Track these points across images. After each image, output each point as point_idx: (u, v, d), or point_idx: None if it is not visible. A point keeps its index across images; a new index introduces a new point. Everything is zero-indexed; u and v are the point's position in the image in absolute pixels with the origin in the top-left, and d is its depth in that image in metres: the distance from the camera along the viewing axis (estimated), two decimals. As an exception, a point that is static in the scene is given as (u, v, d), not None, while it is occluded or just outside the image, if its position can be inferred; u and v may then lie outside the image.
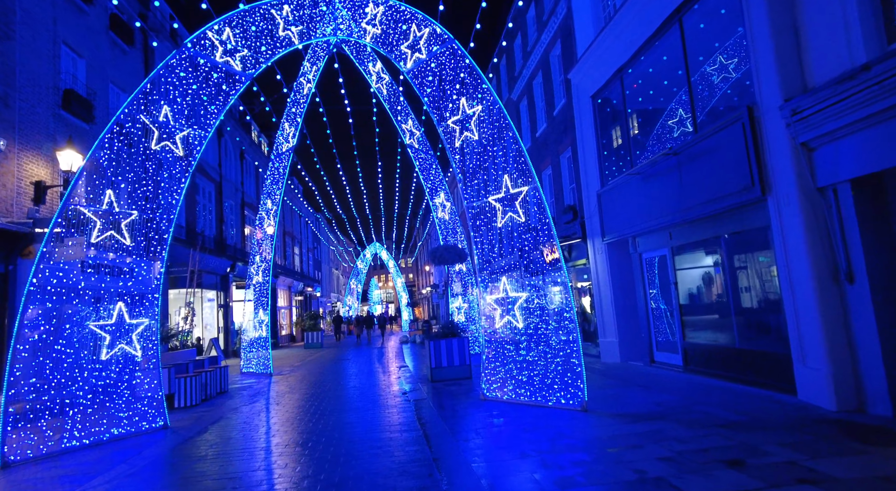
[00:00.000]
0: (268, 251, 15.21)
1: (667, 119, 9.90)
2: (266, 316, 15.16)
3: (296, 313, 36.05)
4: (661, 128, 10.14)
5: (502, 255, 8.29)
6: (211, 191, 22.52)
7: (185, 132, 8.55)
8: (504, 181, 8.16)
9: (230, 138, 25.22)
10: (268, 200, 15.28)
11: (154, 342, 7.78)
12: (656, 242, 10.06)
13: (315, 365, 16.69)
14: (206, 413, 8.91)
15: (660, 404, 6.98)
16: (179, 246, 17.31)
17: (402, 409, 8.18)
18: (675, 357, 9.58)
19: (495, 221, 8.33)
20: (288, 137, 14.54)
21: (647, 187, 9.89)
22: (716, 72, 8.29)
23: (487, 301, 8.44)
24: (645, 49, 9.89)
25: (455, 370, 10.85)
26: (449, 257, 11.36)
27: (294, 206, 39.36)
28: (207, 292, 21.49)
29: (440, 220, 15.56)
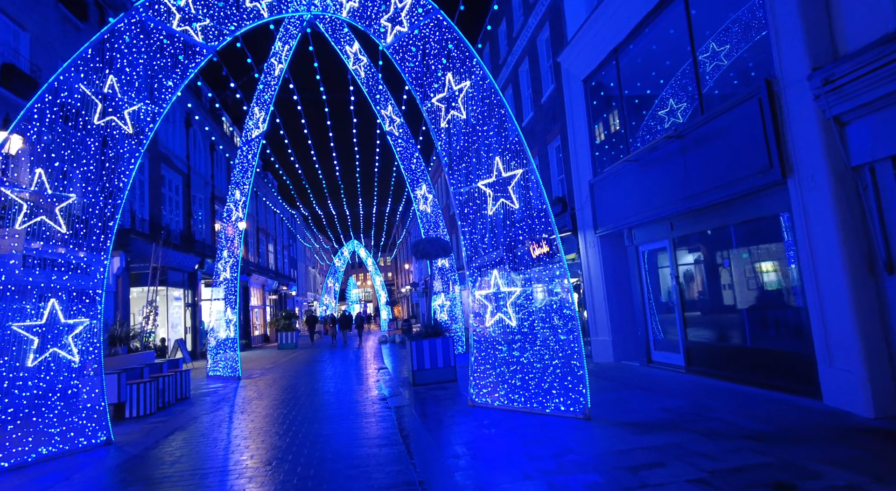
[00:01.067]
0: (236, 246, 14.15)
1: (667, 101, 9.25)
2: (234, 315, 14.11)
3: (270, 313, 34.76)
4: (661, 111, 9.48)
5: (493, 246, 7.50)
6: (178, 183, 21.24)
7: (136, 107, 7.53)
8: (495, 164, 7.37)
9: (199, 128, 23.93)
10: (236, 191, 14.22)
11: (96, 345, 6.77)
12: (655, 234, 9.40)
13: (288, 367, 15.69)
14: (159, 424, 7.91)
15: (669, 410, 6.28)
16: (142, 241, 16.10)
17: (381, 418, 7.33)
18: (676, 357, 8.94)
19: (485, 209, 7.54)
20: (258, 123, 13.50)
21: (646, 175, 9.22)
22: (725, 47, 7.65)
23: (476, 297, 7.64)
24: (644, 26, 9.22)
25: (439, 373, 10.03)
26: (432, 251, 10.53)
27: (268, 201, 38.01)
28: (174, 290, 20.24)
29: (422, 213, 14.72)
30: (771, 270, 7.05)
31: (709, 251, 8.31)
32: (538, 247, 7.01)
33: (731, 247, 7.57)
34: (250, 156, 13.84)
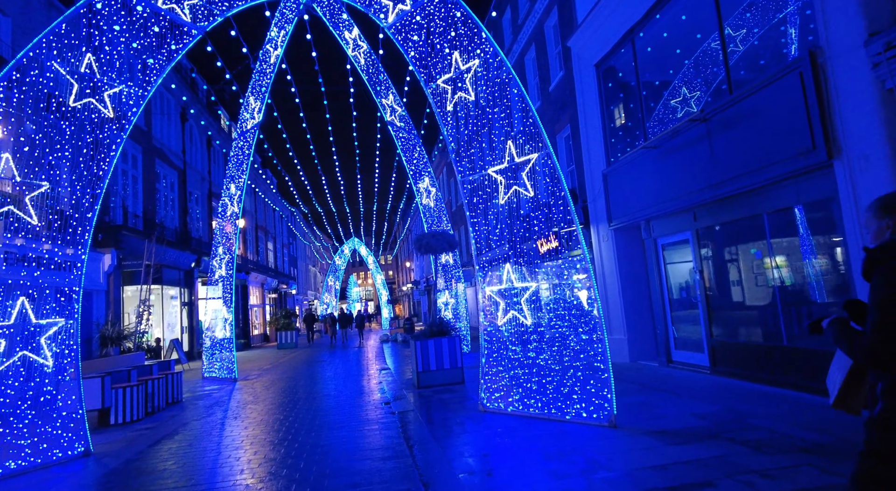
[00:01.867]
0: (232, 242, 13.57)
1: (689, 83, 8.65)
2: (230, 314, 13.54)
3: (270, 312, 34.21)
4: (680, 95, 8.89)
5: (505, 237, 6.91)
6: (174, 179, 20.66)
7: (117, 89, 6.94)
8: (507, 149, 6.78)
9: (195, 123, 23.33)
10: (231, 185, 13.63)
11: (73, 348, 6.18)
12: (676, 225, 8.81)
13: (286, 368, 15.12)
14: (146, 431, 7.34)
15: (702, 417, 5.69)
16: (135, 238, 15.53)
17: (385, 425, 6.75)
18: (699, 357, 8.35)
19: (496, 198, 6.95)
20: (253, 113, 12.91)
21: (666, 163, 8.62)
22: (756, 20, 7.05)
23: (487, 293, 7.06)
24: (662, 3, 8.61)
25: (445, 374, 9.45)
26: (437, 245, 9.95)
27: (267, 199, 37.44)
28: (170, 289, 19.67)
29: (425, 207, 14.13)
30: (811, 262, 6.46)
31: (737, 242, 7.72)
32: (554, 238, 6.42)
33: (764, 237, 6.98)
34: (245, 148, 13.25)
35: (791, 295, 6.75)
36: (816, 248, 6.40)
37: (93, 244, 13.99)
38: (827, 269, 6.29)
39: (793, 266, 6.77)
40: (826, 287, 6.32)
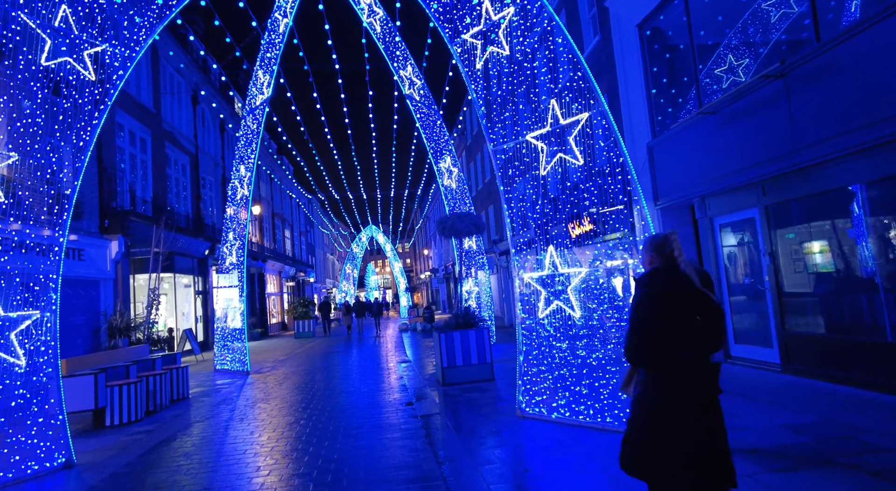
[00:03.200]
0: (243, 227, 12.77)
1: (752, 39, 7.45)
2: (242, 303, 12.79)
3: (287, 300, 33.74)
4: (743, 53, 7.69)
5: (548, 215, 5.89)
6: (185, 164, 19.97)
7: (99, 48, 6.05)
8: (550, 109, 5.73)
9: (207, 106, 22.57)
10: (240, 166, 12.79)
11: (50, 344, 5.38)
12: (738, 202, 7.67)
13: (301, 360, 14.38)
14: (142, 436, 6.57)
15: (798, 430, 4.65)
16: (144, 224, 14.84)
17: (408, 432, 5.84)
18: (767, 352, 7.26)
19: (536, 168, 5.92)
20: (262, 88, 12.01)
21: (727, 130, 7.46)
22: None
23: (525, 281, 6.06)
24: (726, -57, 7.39)
25: (473, 370, 8.53)
26: (462, 228, 8.97)
27: (284, 186, 36.81)
28: (183, 277, 19.09)
29: (446, 188, 13.13)
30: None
31: (819, 219, 6.57)
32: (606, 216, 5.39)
33: (862, 212, 5.83)
34: (255, 126, 12.37)
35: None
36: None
37: (99, 230, 13.34)
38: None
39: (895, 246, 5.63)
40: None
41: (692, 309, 2.34)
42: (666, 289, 2.39)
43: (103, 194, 13.74)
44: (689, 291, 2.37)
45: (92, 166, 13.34)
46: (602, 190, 5.33)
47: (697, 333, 2.32)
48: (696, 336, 2.32)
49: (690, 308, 2.35)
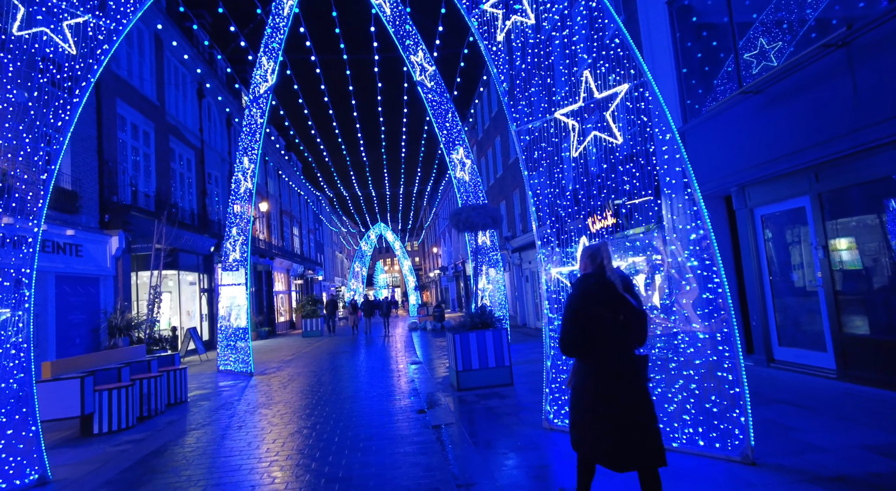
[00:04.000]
0: (246, 221, 12.21)
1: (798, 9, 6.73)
2: (245, 301, 12.24)
3: (296, 298, 33.29)
4: (789, 25, 6.97)
5: (581, 202, 5.23)
6: (190, 158, 19.49)
7: (81, 20, 5.47)
8: (584, 81, 5.07)
9: (213, 99, 22.09)
10: (244, 158, 12.23)
11: (22, 347, 4.80)
12: (785, 190, 6.95)
13: (308, 360, 13.81)
14: (131, 446, 6.00)
15: (883, 452, 3.96)
16: (146, 219, 14.36)
17: (422, 446, 5.21)
18: (819, 356, 6.55)
19: (567, 150, 5.26)
20: (266, 75, 11.43)
21: (773, 111, 6.76)
22: None
23: (552, 276, 5.41)
24: None
25: (490, 374, 7.88)
26: (478, 221, 8.31)
27: (292, 183, 36.37)
28: (187, 275, 18.62)
29: (459, 180, 12.49)
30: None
31: (884, 207, 5.85)
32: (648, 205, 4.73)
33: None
34: (259, 115, 11.80)
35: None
36: None
37: (99, 225, 12.86)
38: None
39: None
40: None
41: (614, 309, 2.79)
42: (591, 292, 2.86)
43: (103, 188, 13.25)
44: (611, 294, 2.81)
45: (92, 159, 12.86)
46: (645, 170, 4.66)
47: (621, 329, 2.79)
48: (619, 331, 2.79)
49: (612, 308, 2.79)
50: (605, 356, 2.82)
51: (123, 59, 14.92)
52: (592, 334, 2.80)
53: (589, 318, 2.81)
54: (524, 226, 20.87)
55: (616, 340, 2.80)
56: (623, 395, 2.77)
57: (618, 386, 2.77)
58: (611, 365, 2.80)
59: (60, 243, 11.07)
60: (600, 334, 2.80)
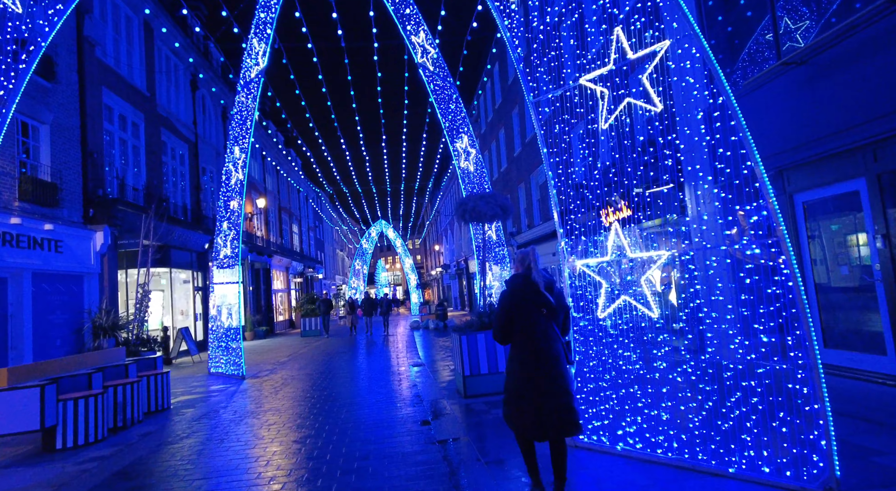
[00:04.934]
0: (237, 216, 11.48)
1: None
2: (237, 300, 11.52)
3: (295, 297, 32.59)
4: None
5: (611, 182, 4.48)
6: (183, 153, 18.77)
7: (31, -25, 4.73)
8: (614, 41, 4.31)
9: (207, 91, 21.37)
10: (235, 147, 11.50)
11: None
12: (834, 173, 6.19)
13: (304, 362, 13.09)
14: (93, 466, 5.27)
15: None
16: (134, 213, 13.62)
17: (424, 468, 4.48)
18: (877, 360, 5.79)
19: (595, 122, 4.51)
20: (258, 57, 10.69)
21: (820, 84, 6.00)
22: None
23: (577, 270, 4.67)
24: None
25: (500, 380, 7.10)
26: (486, 210, 7.56)
27: (291, 179, 35.66)
28: (180, 272, 17.92)
29: (463, 171, 11.73)
30: None
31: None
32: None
33: None
34: (250, 101, 11.06)
35: None
36: None
37: (83, 220, 12.14)
38: None
39: None
40: None
41: (538, 304, 3.32)
42: (519, 290, 3.38)
43: (88, 181, 12.53)
44: (535, 292, 3.33)
45: (74, 150, 12.14)
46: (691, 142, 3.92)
47: (542, 320, 3.32)
48: (542, 322, 3.31)
49: (536, 303, 3.32)
50: (529, 343, 3.29)
51: (110, 46, 14.20)
52: (517, 325, 3.35)
53: (518, 311, 3.34)
54: (530, 221, 20.13)
55: (539, 330, 3.30)
56: (543, 376, 3.23)
57: (539, 369, 3.24)
58: (534, 350, 3.27)
59: (37, 238, 10.35)
60: (527, 325, 3.31)
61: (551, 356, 3.26)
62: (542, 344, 3.26)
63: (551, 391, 3.20)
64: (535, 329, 3.28)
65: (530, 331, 3.29)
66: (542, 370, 3.23)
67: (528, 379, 3.25)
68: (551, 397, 3.19)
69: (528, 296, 3.32)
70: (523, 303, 3.32)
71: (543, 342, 3.27)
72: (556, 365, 3.25)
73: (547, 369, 3.22)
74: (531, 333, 3.28)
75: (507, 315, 3.37)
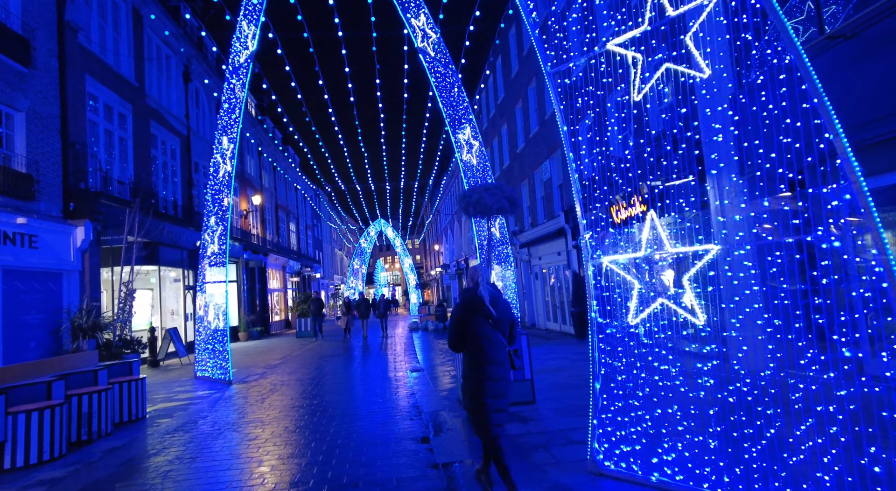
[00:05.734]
0: (224, 210, 10.80)
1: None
2: (224, 300, 10.84)
3: (292, 296, 31.90)
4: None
5: (645, 162, 3.80)
6: (175, 146, 18.08)
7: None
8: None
9: (201, 84, 20.68)
10: (223, 137, 10.81)
11: None
12: (888, 160, 5.51)
13: (297, 365, 12.40)
14: (41, 488, 4.59)
15: None
16: (119, 208, 12.94)
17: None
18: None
19: (625, 93, 3.83)
20: (247, 41, 10.01)
21: (873, 59, 5.32)
22: None
23: (603, 267, 3.98)
24: None
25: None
26: (492, 203, 6.80)
27: (288, 176, 34.98)
28: (171, 270, 17.25)
29: (465, 164, 11.06)
30: None
31: None
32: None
33: None
34: (239, 88, 10.38)
35: None
36: None
37: (62, 214, 11.46)
38: None
39: None
40: None
41: (484, 316, 3.71)
42: (469, 303, 3.77)
43: (69, 174, 11.85)
44: (482, 305, 3.71)
45: (53, 140, 11.46)
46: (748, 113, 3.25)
47: (489, 329, 3.70)
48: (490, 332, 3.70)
49: (482, 315, 3.72)
50: (480, 350, 3.67)
51: (95, 32, 13.51)
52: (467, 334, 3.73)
53: (468, 321, 3.71)
54: (534, 219, 19.45)
55: (486, 338, 3.67)
56: (486, 381, 3.63)
57: (484, 373, 3.63)
58: (481, 357, 3.66)
59: (9, 233, 9.67)
60: (476, 333, 3.69)
61: (497, 361, 3.68)
62: (488, 350, 3.67)
63: (491, 392, 3.64)
64: (483, 337, 3.68)
65: (479, 338, 3.68)
66: (487, 372, 3.65)
67: (479, 380, 3.65)
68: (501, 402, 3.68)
69: (476, 308, 3.71)
70: (472, 314, 3.72)
71: (490, 349, 3.67)
72: (500, 371, 3.69)
73: (491, 371, 3.65)
74: (479, 340, 3.67)
75: (459, 324, 3.77)
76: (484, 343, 3.66)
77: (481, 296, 3.70)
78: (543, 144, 17.59)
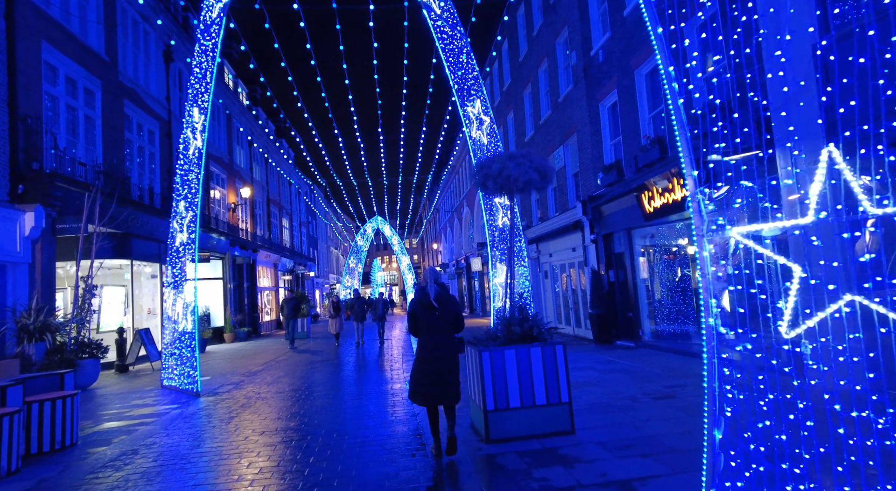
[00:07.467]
0: (195, 194, 9.26)
1: None
2: (193, 298, 9.30)
3: (283, 296, 30.32)
4: None
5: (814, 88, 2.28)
6: (154, 130, 16.52)
7: None
8: None
9: (184, 65, 19.10)
10: (193, 108, 9.28)
11: None
12: None
13: (279, 373, 10.85)
14: None
15: None
16: (78, 192, 11.36)
17: None
18: None
19: None
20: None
21: None
22: None
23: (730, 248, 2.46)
24: None
25: (539, 417, 4.95)
26: (518, 174, 5.31)
27: (282, 170, 33.42)
28: (145, 266, 15.70)
29: (475, 142, 9.54)
30: None
31: None
32: None
33: None
34: (210, 49, 8.84)
35: None
36: None
37: (8, 197, 9.92)
38: None
39: None
40: None
41: (429, 309, 4.63)
42: (418, 298, 4.72)
43: (18, 151, 10.30)
44: (428, 300, 4.64)
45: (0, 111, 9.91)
46: None
47: (435, 321, 4.62)
48: (434, 322, 4.62)
49: (429, 309, 4.63)
50: (426, 337, 4.63)
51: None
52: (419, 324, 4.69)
53: (419, 313, 4.68)
54: (543, 213, 17.95)
55: (431, 328, 4.62)
56: (435, 361, 4.54)
57: (432, 356, 4.56)
58: (429, 342, 4.61)
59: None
60: (425, 323, 4.64)
61: (441, 345, 4.59)
62: (435, 336, 4.60)
63: (438, 370, 4.52)
64: (431, 327, 4.63)
65: (429, 328, 4.63)
66: (433, 355, 4.56)
67: (425, 363, 4.57)
68: (437, 375, 4.52)
69: (424, 302, 4.67)
70: (421, 307, 4.67)
71: (437, 334, 4.61)
72: (452, 354, 4.63)
73: (437, 354, 4.56)
74: (429, 330, 4.63)
75: (412, 315, 4.74)
76: (431, 331, 4.60)
77: (427, 293, 4.64)
78: (557, 130, 16.11)
